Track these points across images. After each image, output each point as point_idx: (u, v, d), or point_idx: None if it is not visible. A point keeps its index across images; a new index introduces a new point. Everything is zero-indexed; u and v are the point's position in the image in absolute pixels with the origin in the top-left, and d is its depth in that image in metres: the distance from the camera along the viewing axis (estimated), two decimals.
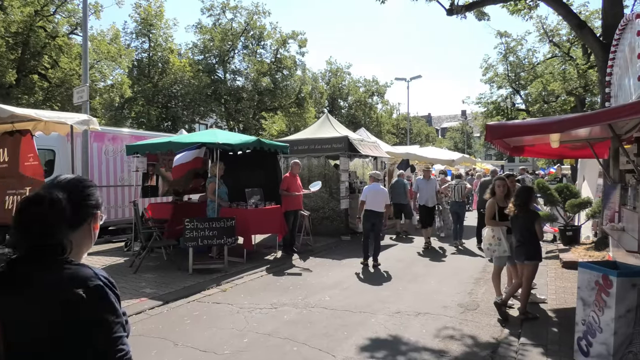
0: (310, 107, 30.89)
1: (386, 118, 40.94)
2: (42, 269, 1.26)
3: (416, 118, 52.20)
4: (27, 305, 1.23)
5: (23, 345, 1.22)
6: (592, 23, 16.76)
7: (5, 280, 1.25)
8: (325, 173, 11.64)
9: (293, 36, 29.02)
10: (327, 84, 37.36)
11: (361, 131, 17.08)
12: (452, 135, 62.97)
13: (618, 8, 8.73)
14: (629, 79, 4.91)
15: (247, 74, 27.66)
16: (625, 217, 5.27)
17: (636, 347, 3.60)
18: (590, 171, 11.22)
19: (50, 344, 1.22)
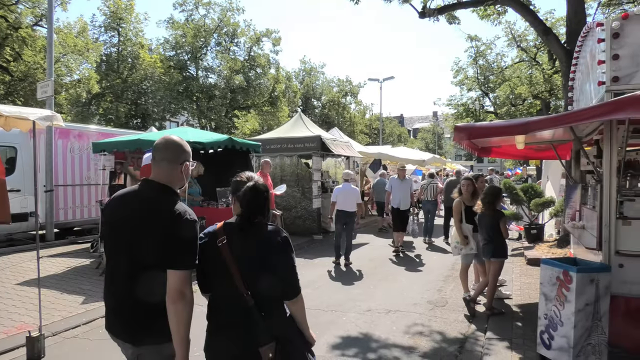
0: (284, 106, 30.80)
1: (359, 118, 41.22)
2: (260, 226, 2.14)
3: (389, 118, 52.79)
4: (251, 246, 2.09)
5: (255, 277, 2.05)
6: (557, 30, 17.35)
7: (240, 229, 2.12)
8: (297, 172, 11.64)
9: (267, 34, 28.87)
10: (301, 83, 37.33)
11: (334, 131, 17.19)
12: (423, 135, 64.07)
13: (581, 16, 9.08)
14: (589, 84, 5.11)
15: (220, 72, 27.33)
16: (585, 216, 5.48)
17: (594, 340, 3.77)
18: (554, 172, 11.64)
19: (262, 268, 2.07)
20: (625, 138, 4.35)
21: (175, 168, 2.17)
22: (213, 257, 2.09)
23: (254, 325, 2.03)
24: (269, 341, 2.01)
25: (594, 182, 5.09)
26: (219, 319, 2.16)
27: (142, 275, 2.00)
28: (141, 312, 2.04)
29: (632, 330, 4.12)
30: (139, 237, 2.02)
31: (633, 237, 4.16)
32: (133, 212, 2.08)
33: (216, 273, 2.11)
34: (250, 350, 1.99)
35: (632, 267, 4.14)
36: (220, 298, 2.15)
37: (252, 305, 2.03)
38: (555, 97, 19.46)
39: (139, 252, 2.02)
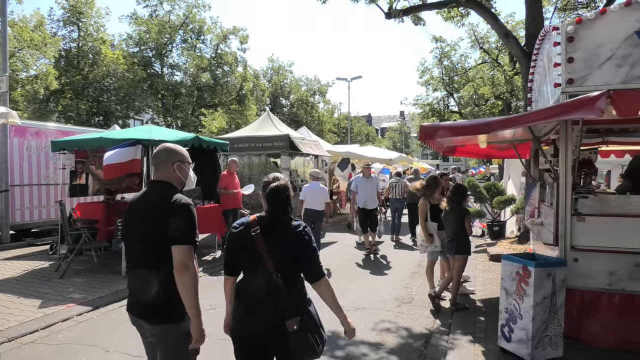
0: (252, 105, 30.54)
1: (327, 117, 41.37)
2: (286, 219, 2.52)
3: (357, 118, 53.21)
4: (280, 236, 2.46)
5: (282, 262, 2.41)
6: (517, 32, 17.96)
7: (269, 221, 2.49)
8: (266, 171, 11.58)
9: (234, 32, 28.54)
10: (269, 81, 37.13)
11: (302, 130, 17.19)
12: (391, 135, 64.94)
13: (539, 20, 9.43)
14: (547, 85, 5.32)
15: (186, 69, 26.83)
16: (543, 213, 5.70)
17: (551, 332, 3.93)
18: (515, 170, 12.06)
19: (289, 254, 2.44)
20: (579, 138, 4.55)
21: (167, 168, 2.58)
22: (247, 244, 2.46)
23: (282, 302, 2.37)
24: (295, 315, 2.37)
25: (551, 180, 5.31)
26: (249, 297, 2.48)
27: (153, 260, 2.38)
28: (154, 294, 2.36)
29: (586, 321, 4.33)
30: (147, 224, 2.43)
31: (587, 233, 4.37)
32: (142, 205, 2.55)
33: (249, 257, 2.47)
34: (278, 323, 2.35)
35: (586, 261, 4.34)
36: (251, 279, 2.49)
37: (281, 285, 2.38)
38: (516, 97, 20.13)
39: (149, 238, 2.41)
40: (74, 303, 5.70)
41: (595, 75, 4.25)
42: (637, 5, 4.11)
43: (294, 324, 2.35)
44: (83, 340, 4.60)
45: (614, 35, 4.18)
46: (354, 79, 30.07)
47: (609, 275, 4.28)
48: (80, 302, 5.73)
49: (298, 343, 2.39)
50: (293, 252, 2.47)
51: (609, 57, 4.20)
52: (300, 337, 2.38)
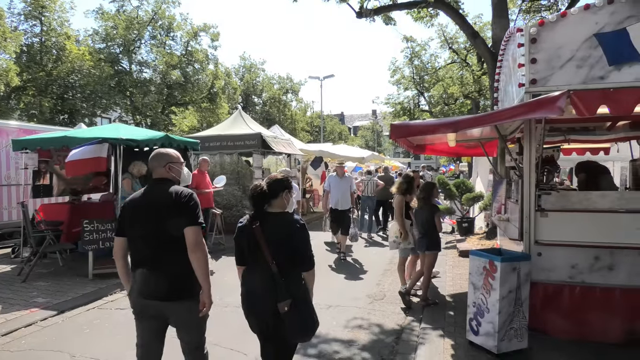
0: (223, 103, 30.17)
1: (300, 116, 41.33)
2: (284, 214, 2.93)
3: (330, 116, 53.41)
4: (277, 229, 2.80)
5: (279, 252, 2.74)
6: (484, 33, 18.39)
7: (261, 219, 2.83)
8: (238, 170, 11.48)
9: (205, 29, 28.10)
10: (241, 79, 36.80)
11: (275, 128, 17.12)
12: (363, 133, 65.43)
13: (504, 21, 9.69)
14: (512, 85, 5.48)
15: (156, 66, 26.23)
16: (509, 209, 5.88)
17: (516, 324, 4.06)
18: (483, 168, 12.37)
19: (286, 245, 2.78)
20: (542, 136, 4.72)
21: (161, 169, 2.99)
22: (248, 236, 2.84)
23: (276, 286, 2.71)
24: (286, 298, 2.70)
25: (516, 177, 5.47)
26: (251, 282, 2.89)
27: (169, 246, 2.78)
28: (171, 275, 2.78)
29: (549, 313, 4.49)
30: (162, 213, 2.79)
31: (550, 228, 4.53)
32: (153, 199, 2.89)
33: (250, 247, 2.85)
34: (272, 304, 2.70)
35: (549, 256, 4.51)
36: (253, 266, 2.88)
37: (275, 271, 2.73)
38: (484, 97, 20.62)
39: (163, 225, 2.77)
40: (37, 308, 5.50)
41: (557, 75, 4.40)
42: (595, 8, 4.28)
43: (285, 306, 2.69)
44: (47, 346, 4.45)
45: (574, 37, 4.34)
46: (327, 78, 30.16)
47: (571, 269, 4.45)
48: (45, 307, 5.54)
49: (290, 323, 2.73)
50: (287, 243, 2.82)
51: (570, 59, 4.36)
52: (292, 318, 2.72)
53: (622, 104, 3.84)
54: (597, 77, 4.28)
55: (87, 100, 21.91)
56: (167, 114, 26.46)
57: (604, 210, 4.43)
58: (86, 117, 21.94)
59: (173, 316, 2.88)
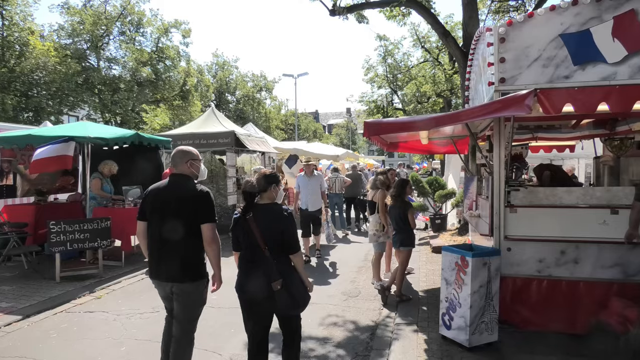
0: (196, 101, 29.70)
1: (274, 114, 41.10)
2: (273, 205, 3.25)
3: (304, 114, 53.30)
4: (267, 219, 3.15)
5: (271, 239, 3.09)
6: (455, 33, 18.70)
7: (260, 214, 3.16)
8: (211, 169, 11.32)
9: (176, 25, 27.57)
10: (214, 77, 36.30)
11: (249, 126, 16.98)
12: (338, 131, 65.58)
13: (475, 21, 9.88)
14: (482, 84, 5.58)
15: (125, 63, 25.57)
16: (480, 205, 6.00)
17: (487, 317, 4.16)
18: (455, 165, 12.59)
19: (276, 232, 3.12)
20: (511, 134, 4.82)
21: (183, 165, 3.35)
22: (243, 225, 3.21)
23: (268, 268, 3.09)
24: (278, 278, 3.08)
25: (486, 174, 5.59)
26: (246, 265, 3.26)
27: (182, 235, 3.15)
28: (181, 260, 3.20)
29: (518, 307, 4.61)
30: (179, 206, 3.19)
31: (518, 224, 4.65)
32: (171, 192, 3.26)
33: (245, 235, 3.21)
34: (266, 283, 3.08)
35: (518, 250, 4.62)
36: (248, 251, 3.23)
37: (268, 255, 3.11)
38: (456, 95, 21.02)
39: (177, 218, 3.16)
40: (1, 312, 5.30)
41: (525, 74, 4.51)
42: (560, 10, 4.41)
43: (277, 285, 3.07)
44: (12, 352, 4.29)
45: (541, 37, 4.46)
46: (301, 76, 30.05)
47: (538, 263, 4.58)
48: (9, 312, 5.33)
49: (282, 299, 3.12)
50: (276, 230, 3.17)
51: (537, 58, 4.48)
52: (284, 295, 3.11)
53: (585, 103, 3.97)
54: (563, 76, 4.41)
55: (53, 98, 21.17)
56: (138, 112, 25.84)
57: (570, 206, 4.58)
58: (52, 115, 21.20)
59: (177, 295, 3.28)
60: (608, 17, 4.27)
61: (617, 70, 4.28)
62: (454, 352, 4.10)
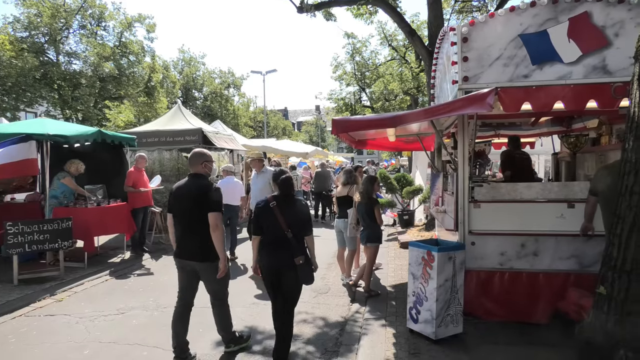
0: (162, 97, 28.98)
1: (243, 111, 40.61)
2: (292, 197, 4.03)
3: (273, 112, 52.95)
4: (289, 207, 3.91)
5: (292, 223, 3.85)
6: (421, 32, 19.02)
7: (282, 199, 3.92)
8: (178, 167, 11.11)
9: (140, 19, 26.80)
10: (180, 73, 35.54)
11: (217, 123, 16.73)
12: (307, 129, 65.54)
13: (439, 20, 10.08)
14: (446, 82, 5.71)
15: (86, 57, 24.65)
16: (446, 201, 6.14)
17: (452, 310, 4.27)
18: (422, 162, 12.83)
19: (301, 224, 3.93)
20: (474, 131, 4.96)
21: (198, 165, 4.00)
22: (268, 213, 3.88)
23: (291, 247, 3.84)
24: (300, 254, 3.86)
25: (451, 170, 5.73)
26: (270, 246, 3.92)
27: (198, 224, 3.83)
28: (199, 244, 3.86)
29: (482, 299, 4.76)
30: (192, 201, 3.84)
31: (482, 218, 4.79)
32: (188, 189, 3.92)
33: (270, 221, 3.87)
34: (290, 260, 3.83)
35: (482, 244, 4.77)
36: (272, 235, 3.89)
37: (290, 237, 3.83)
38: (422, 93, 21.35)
39: (194, 209, 3.83)
40: None
41: (487, 73, 4.65)
42: (519, 10, 4.56)
43: (300, 259, 3.84)
44: None
45: (501, 37, 4.61)
46: (269, 73, 29.84)
47: (500, 256, 4.75)
48: None
49: (302, 271, 3.88)
50: (297, 216, 3.92)
51: (498, 57, 4.62)
52: (304, 268, 3.88)
53: (542, 102, 4.13)
54: (522, 75, 4.57)
55: (8, 94, 20.23)
56: (101, 109, 25.00)
57: (530, 201, 4.76)
58: (8, 112, 20.27)
59: (201, 272, 3.96)
60: (564, 18, 4.46)
61: (572, 70, 4.47)
62: (421, 345, 4.19)
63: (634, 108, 2.91)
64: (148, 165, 10.50)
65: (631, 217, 2.94)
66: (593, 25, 4.41)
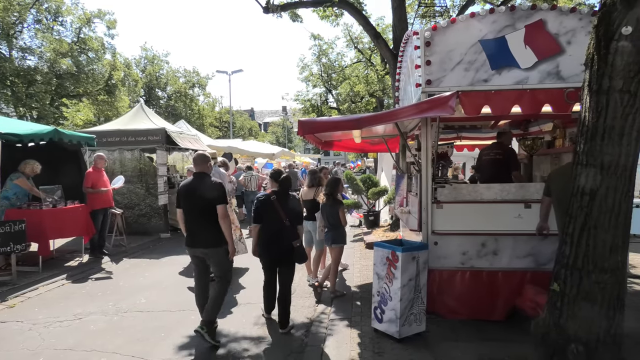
0: (123, 96, 28.16)
1: (208, 111, 39.99)
2: (289, 193, 4.91)
3: (239, 112, 52.42)
4: (287, 201, 4.79)
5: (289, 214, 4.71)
6: (387, 35, 19.28)
7: (281, 194, 4.80)
8: (140, 167, 10.81)
9: (99, 15, 25.95)
10: (143, 71, 34.65)
11: (181, 123, 16.43)
12: (274, 129, 65.25)
13: (404, 24, 10.26)
14: (410, 85, 5.81)
15: (42, 53, 23.66)
16: (410, 202, 6.26)
17: (416, 309, 4.34)
18: (387, 163, 13.00)
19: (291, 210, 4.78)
20: (437, 133, 5.07)
21: (204, 165, 4.58)
22: (269, 205, 4.67)
23: (289, 233, 4.66)
24: (296, 238, 4.71)
25: (415, 171, 5.83)
26: (270, 233, 4.69)
27: (206, 215, 4.33)
28: (207, 232, 4.38)
29: (444, 297, 4.86)
30: (201, 196, 4.34)
31: (444, 219, 4.90)
32: (197, 186, 4.42)
33: (270, 212, 4.67)
34: (287, 244, 4.66)
35: (444, 244, 4.88)
36: (271, 224, 4.67)
37: (288, 225, 4.65)
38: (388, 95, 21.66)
39: (203, 203, 4.32)
40: None
41: (449, 77, 4.77)
42: (479, 17, 4.71)
43: (297, 243, 4.70)
44: None
45: (462, 42, 4.74)
46: (235, 72, 29.50)
47: (462, 255, 4.87)
48: None
49: (298, 253, 4.76)
50: (292, 208, 4.76)
51: (459, 62, 4.74)
52: (299, 250, 4.74)
53: (500, 105, 4.27)
54: (482, 79, 4.71)
55: None
56: (58, 107, 24.02)
57: (489, 201, 4.91)
58: None
59: (211, 256, 4.47)
60: (520, 25, 4.63)
61: (529, 75, 4.65)
62: (385, 344, 4.24)
63: (585, 113, 3.05)
64: (108, 166, 10.17)
65: (582, 217, 3.08)
66: (547, 33, 4.60)
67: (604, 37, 2.89)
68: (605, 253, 3.02)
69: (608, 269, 3.02)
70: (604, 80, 2.92)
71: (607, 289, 3.02)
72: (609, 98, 2.91)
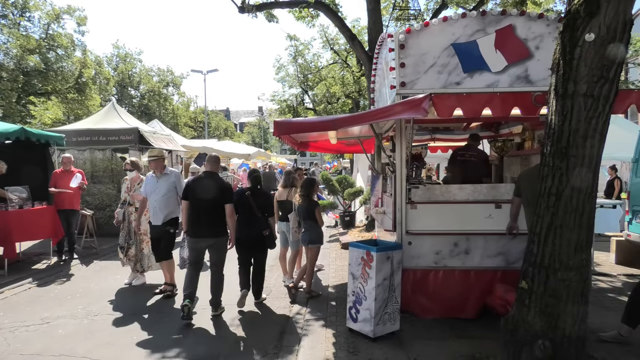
0: (94, 94, 27.43)
1: (183, 110, 39.40)
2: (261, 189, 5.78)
3: (214, 112, 51.81)
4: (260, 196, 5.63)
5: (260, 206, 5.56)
6: (362, 37, 19.42)
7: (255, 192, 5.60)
8: (112, 167, 10.57)
9: (69, 11, 25.26)
10: (115, 69, 33.88)
11: (154, 123, 16.15)
12: (250, 130, 64.78)
13: (379, 27, 10.37)
14: (385, 87, 5.87)
15: (7, 50, 22.85)
16: (385, 202, 6.32)
17: (390, 308, 4.39)
18: (363, 164, 13.10)
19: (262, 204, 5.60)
20: (411, 135, 5.14)
21: (215, 165, 5.36)
22: (243, 199, 5.44)
23: (261, 224, 5.45)
24: (266, 228, 5.48)
25: (390, 172, 5.90)
26: (244, 223, 5.40)
27: (213, 209, 5.11)
28: (215, 224, 5.15)
29: (418, 296, 4.94)
30: (212, 193, 5.06)
31: (418, 219, 4.98)
32: (209, 184, 5.12)
33: (244, 205, 5.43)
34: (259, 232, 5.44)
35: (418, 244, 4.95)
36: (245, 215, 5.42)
37: (260, 216, 5.43)
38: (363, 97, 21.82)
39: (213, 199, 5.05)
40: None
41: (422, 79, 4.85)
42: (452, 21, 4.80)
43: (266, 232, 5.47)
44: None
45: (435, 45, 4.82)
46: (210, 72, 29.12)
47: (435, 255, 4.96)
48: None
49: (269, 240, 5.55)
50: (264, 203, 5.54)
51: (432, 65, 4.83)
52: (269, 237, 5.54)
53: (472, 108, 4.37)
54: (454, 82, 4.81)
55: None
56: (24, 105, 23.23)
57: (461, 202, 5.01)
58: None
59: (214, 245, 5.19)
60: (491, 30, 4.75)
61: (499, 78, 4.78)
62: (360, 344, 4.27)
63: (551, 116, 3.16)
64: (79, 166, 9.90)
65: (549, 216, 3.18)
66: (517, 38, 4.73)
67: (569, 43, 3.00)
68: (571, 251, 3.13)
69: (573, 266, 3.13)
70: (569, 85, 3.03)
71: (572, 286, 3.13)
72: (573, 102, 3.02)
